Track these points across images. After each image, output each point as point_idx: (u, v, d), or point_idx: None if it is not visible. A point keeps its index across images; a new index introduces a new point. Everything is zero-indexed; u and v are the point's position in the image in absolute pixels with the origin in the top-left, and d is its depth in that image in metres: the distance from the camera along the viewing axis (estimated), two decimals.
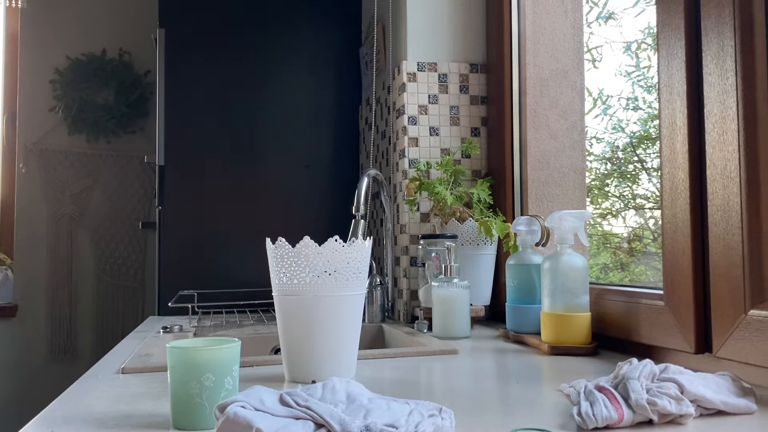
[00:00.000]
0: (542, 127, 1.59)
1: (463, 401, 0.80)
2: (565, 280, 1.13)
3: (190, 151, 2.00)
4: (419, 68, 1.67)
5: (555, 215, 1.17)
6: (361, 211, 1.48)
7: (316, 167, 2.10)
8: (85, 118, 2.75)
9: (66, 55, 2.76)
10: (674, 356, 0.99)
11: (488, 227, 1.47)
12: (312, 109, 2.11)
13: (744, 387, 0.75)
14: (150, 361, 1.07)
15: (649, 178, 1.99)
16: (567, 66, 1.62)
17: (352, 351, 0.96)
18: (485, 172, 1.69)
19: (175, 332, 1.46)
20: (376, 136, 1.96)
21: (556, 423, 0.69)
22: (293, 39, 2.11)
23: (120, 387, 0.91)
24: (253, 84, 2.07)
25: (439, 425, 0.63)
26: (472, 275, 1.50)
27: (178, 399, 0.70)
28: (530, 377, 0.95)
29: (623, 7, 1.91)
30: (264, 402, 0.62)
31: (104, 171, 2.77)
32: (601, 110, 2.04)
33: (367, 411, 0.63)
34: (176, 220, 1.97)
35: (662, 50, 1.01)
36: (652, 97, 1.93)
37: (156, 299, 1.97)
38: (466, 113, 1.69)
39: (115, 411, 0.77)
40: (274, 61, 2.08)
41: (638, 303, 1.07)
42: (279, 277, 0.92)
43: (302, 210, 2.07)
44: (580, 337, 1.12)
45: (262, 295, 1.83)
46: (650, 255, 1.97)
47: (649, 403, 0.67)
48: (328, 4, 2.15)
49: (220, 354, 0.71)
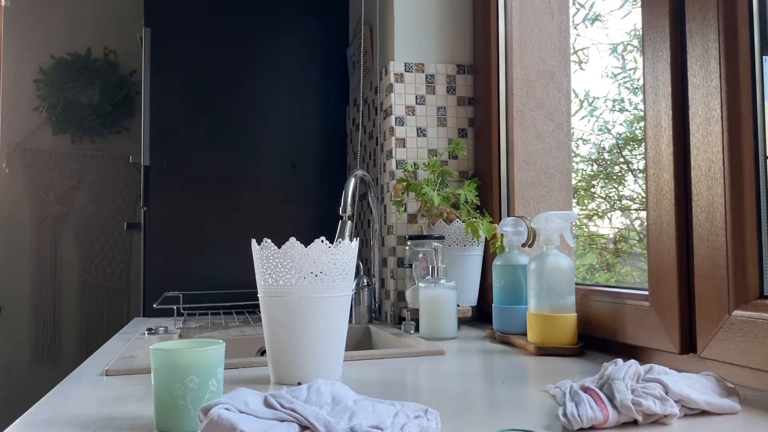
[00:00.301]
0: (529, 129, 1.59)
1: (449, 402, 0.80)
2: (551, 280, 1.14)
3: (176, 152, 1.99)
4: (406, 69, 1.67)
5: (541, 216, 1.18)
6: (348, 212, 1.48)
7: (303, 168, 2.10)
8: (69, 118, 2.72)
9: (50, 54, 2.73)
10: (659, 357, 0.99)
11: (475, 228, 1.47)
12: (299, 109, 2.11)
13: (728, 387, 0.76)
14: (134, 363, 1.06)
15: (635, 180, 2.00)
16: (553, 67, 1.62)
17: (339, 352, 0.95)
18: (472, 173, 1.69)
19: (160, 334, 1.45)
20: (363, 136, 1.96)
21: (542, 424, 0.69)
22: (280, 39, 2.10)
23: (103, 389, 0.90)
24: (240, 84, 2.06)
25: (425, 426, 0.63)
26: (459, 276, 1.50)
27: (162, 401, 0.70)
28: (516, 378, 0.95)
29: (609, 9, 1.92)
30: (248, 404, 0.61)
31: (89, 171, 2.74)
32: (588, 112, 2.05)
33: (353, 413, 0.63)
34: (161, 221, 1.95)
35: (647, 52, 1.02)
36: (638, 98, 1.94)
37: (141, 301, 1.96)
38: (453, 114, 1.69)
39: (98, 413, 0.76)
40: (260, 61, 2.07)
41: (624, 304, 1.07)
42: (265, 279, 0.92)
43: (289, 211, 2.06)
44: (566, 337, 1.12)
45: (247, 297, 1.82)
46: (636, 256, 1.98)
47: (634, 404, 0.67)
48: (315, 5, 2.15)
49: (205, 356, 0.70)
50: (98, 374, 1.00)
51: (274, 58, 2.09)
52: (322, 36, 2.15)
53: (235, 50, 2.06)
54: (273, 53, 2.09)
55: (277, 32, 2.10)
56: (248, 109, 2.06)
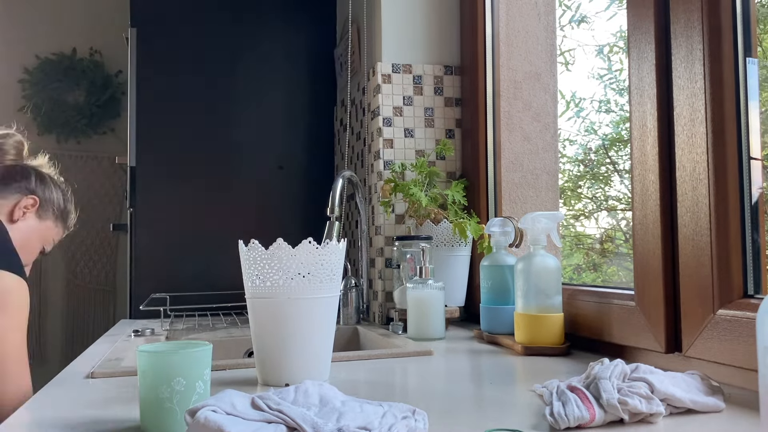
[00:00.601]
0: (516, 129, 1.60)
1: (437, 403, 0.80)
2: (538, 281, 1.14)
3: (162, 152, 1.97)
4: (394, 70, 1.67)
5: (528, 216, 1.18)
6: (336, 213, 1.48)
7: (291, 168, 2.09)
8: (54, 119, 2.70)
9: (35, 54, 2.71)
10: (645, 356, 1.00)
11: (463, 228, 1.47)
12: (286, 110, 2.10)
13: (712, 385, 0.76)
14: (120, 366, 1.06)
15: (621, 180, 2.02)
16: (540, 68, 1.63)
17: (326, 353, 0.95)
18: (459, 173, 1.70)
19: (147, 336, 1.44)
20: (351, 137, 1.96)
21: (529, 423, 0.70)
22: (267, 39, 2.10)
23: (89, 392, 0.89)
24: (227, 84, 2.05)
25: (413, 427, 0.63)
26: (447, 276, 1.51)
27: (149, 404, 0.69)
28: (504, 378, 0.95)
29: (596, 11, 1.94)
30: (235, 406, 0.61)
31: (74, 172, 2.72)
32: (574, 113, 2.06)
33: (340, 414, 0.63)
34: (148, 222, 1.94)
35: (633, 54, 1.03)
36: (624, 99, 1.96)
37: (128, 302, 1.94)
38: (441, 115, 1.70)
39: (84, 416, 0.76)
40: (247, 62, 2.07)
41: (610, 303, 1.08)
42: (252, 280, 0.92)
43: (276, 211, 2.06)
44: (553, 337, 1.12)
45: (235, 298, 1.81)
46: (622, 256, 2.00)
47: (620, 403, 0.68)
48: (303, 5, 2.14)
49: (191, 357, 0.70)
50: (84, 377, 1.00)
51: (261, 59, 2.08)
52: (310, 36, 2.15)
53: (221, 50, 2.05)
54: (260, 53, 2.08)
55: (264, 32, 2.09)
56: (235, 110, 2.05)
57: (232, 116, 2.04)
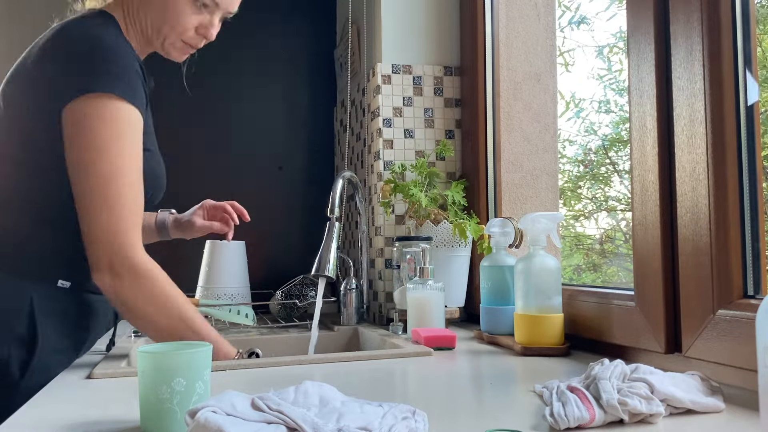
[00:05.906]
0: (515, 130, 1.60)
1: (437, 403, 0.80)
2: (537, 281, 1.14)
3: (162, 152, 1.97)
4: (394, 70, 1.67)
5: (528, 217, 1.18)
6: (336, 214, 1.48)
7: (291, 169, 2.09)
8: None
9: None
10: (645, 356, 1.00)
11: (462, 229, 1.47)
12: (287, 110, 2.10)
13: (712, 386, 0.77)
14: (120, 366, 1.06)
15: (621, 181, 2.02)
16: (540, 69, 1.63)
17: None
18: (459, 174, 1.70)
19: (147, 336, 1.44)
20: (351, 138, 1.96)
21: (529, 424, 0.70)
22: (268, 40, 2.10)
23: (89, 392, 0.89)
24: (227, 85, 2.05)
25: (413, 428, 0.63)
26: (447, 277, 1.50)
27: (149, 404, 0.69)
28: (504, 378, 0.95)
29: (595, 12, 1.94)
30: (236, 407, 0.61)
31: None
32: (574, 113, 2.06)
33: (340, 414, 0.63)
34: None
35: (632, 54, 1.03)
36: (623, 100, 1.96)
37: None
38: (441, 116, 1.70)
39: (84, 417, 0.76)
40: (248, 62, 2.07)
41: (610, 304, 1.08)
42: None
43: (276, 212, 2.05)
44: (553, 338, 1.12)
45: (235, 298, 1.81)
46: (622, 256, 2.00)
47: (620, 403, 0.68)
48: (303, 6, 2.14)
49: (192, 358, 0.70)
50: (84, 377, 0.99)
51: (261, 60, 2.08)
52: (310, 37, 2.15)
53: (221, 50, 2.04)
54: (260, 54, 2.08)
55: (265, 34, 2.09)
56: (235, 110, 2.05)
57: (233, 116, 2.04)
